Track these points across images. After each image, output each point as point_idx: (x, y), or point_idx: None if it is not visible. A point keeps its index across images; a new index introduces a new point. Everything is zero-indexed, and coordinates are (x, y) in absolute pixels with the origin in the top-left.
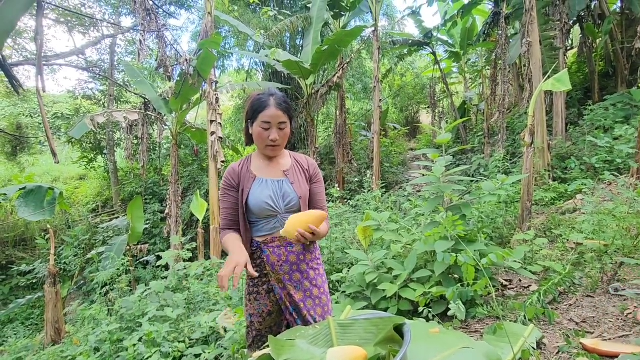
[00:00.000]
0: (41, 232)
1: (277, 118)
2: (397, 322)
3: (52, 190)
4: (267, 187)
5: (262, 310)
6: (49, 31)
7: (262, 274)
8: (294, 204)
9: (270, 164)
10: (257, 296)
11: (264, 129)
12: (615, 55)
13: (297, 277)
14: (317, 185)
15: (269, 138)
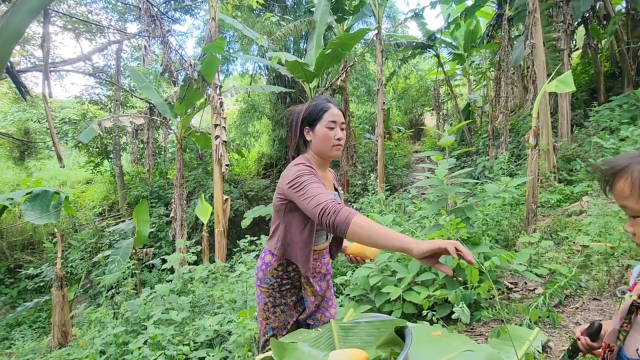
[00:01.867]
0: (48, 236)
1: (340, 118)
2: (398, 325)
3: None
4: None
5: (287, 321)
6: (56, 38)
7: (292, 285)
8: None
9: (324, 174)
10: (284, 308)
11: (329, 129)
12: (621, 56)
13: (324, 286)
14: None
15: (335, 137)
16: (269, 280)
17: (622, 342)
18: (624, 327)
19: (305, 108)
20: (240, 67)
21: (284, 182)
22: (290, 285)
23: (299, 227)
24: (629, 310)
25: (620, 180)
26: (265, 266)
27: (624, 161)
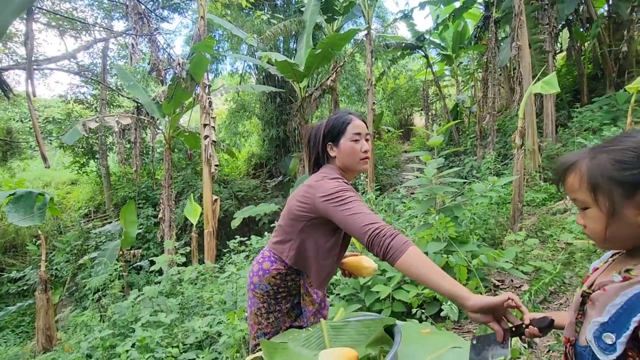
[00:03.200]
0: (32, 238)
1: (364, 129)
2: (387, 323)
3: (43, 196)
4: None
5: (280, 327)
6: (40, 35)
7: (289, 294)
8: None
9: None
10: (278, 314)
11: (355, 142)
12: (603, 58)
13: (320, 293)
14: None
15: (361, 150)
16: (265, 287)
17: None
18: (579, 319)
19: (326, 123)
20: (230, 66)
21: (316, 194)
22: (287, 293)
23: (320, 242)
24: (581, 301)
25: (570, 175)
26: (263, 272)
27: (574, 158)
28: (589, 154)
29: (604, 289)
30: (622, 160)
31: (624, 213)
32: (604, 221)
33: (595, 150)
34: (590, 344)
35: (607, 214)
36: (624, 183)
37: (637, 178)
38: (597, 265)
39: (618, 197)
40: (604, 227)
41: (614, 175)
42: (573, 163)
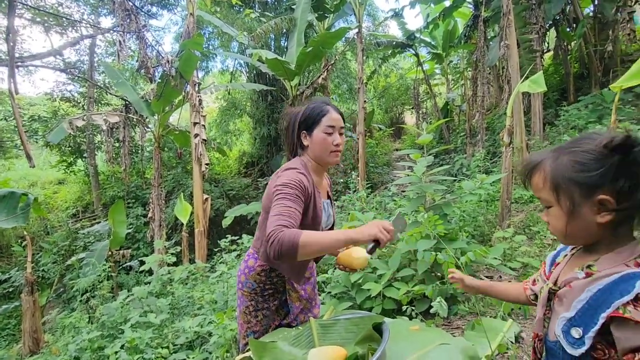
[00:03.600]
0: (17, 239)
1: (339, 122)
2: (376, 321)
3: (26, 196)
4: (324, 208)
5: (269, 325)
6: (24, 31)
7: (275, 291)
8: (330, 227)
9: (321, 180)
10: (266, 312)
11: (327, 134)
12: (588, 58)
13: (309, 289)
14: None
15: (333, 143)
16: (251, 285)
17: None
18: (547, 315)
19: (302, 111)
20: (220, 64)
21: (272, 185)
22: (274, 290)
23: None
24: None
25: (536, 174)
26: (248, 270)
27: (539, 157)
28: (553, 154)
29: (570, 285)
30: (582, 162)
31: (583, 212)
32: (564, 219)
33: (558, 151)
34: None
35: (568, 212)
36: (582, 184)
37: (594, 179)
38: (558, 260)
39: (577, 196)
40: (564, 224)
41: (573, 177)
42: (538, 163)
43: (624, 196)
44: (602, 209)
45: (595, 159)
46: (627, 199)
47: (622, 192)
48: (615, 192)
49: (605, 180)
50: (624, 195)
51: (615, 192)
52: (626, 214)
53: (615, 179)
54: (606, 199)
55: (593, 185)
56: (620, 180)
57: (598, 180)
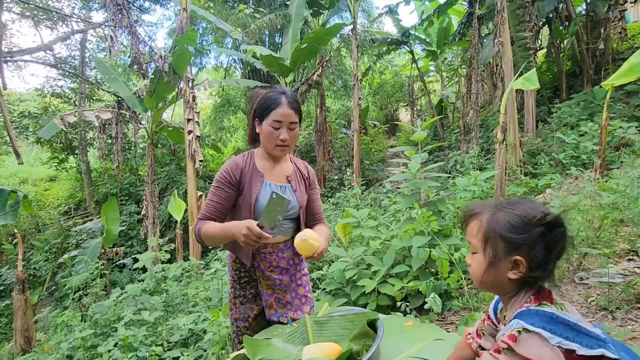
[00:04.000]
0: (8, 237)
1: (288, 117)
2: (370, 318)
3: (15, 193)
4: (270, 191)
5: (247, 314)
6: (13, 25)
7: (250, 279)
8: (294, 211)
9: (275, 166)
10: (243, 300)
11: (274, 128)
12: (581, 56)
13: (286, 280)
14: (314, 192)
15: (279, 138)
16: (231, 273)
17: None
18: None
19: (259, 98)
20: (214, 60)
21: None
22: (248, 278)
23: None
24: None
25: (473, 222)
26: (228, 259)
27: (479, 208)
28: (492, 209)
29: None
30: (512, 224)
31: (500, 265)
32: (484, 267)
33: (498, 207)
34: None
35: (489, 262)
36: (507, 242)
37: (517, 241)
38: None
39: (500, 251)
40: (483, 271)
41: (502, 234)
42: (478, 212)
43: (535, 263)
44: (515, 268)
45: (523, 225)
46: (537, 266)
47: (535, 259)
48: (530, 258)
49: (525, 245)
50: (536, 263)
51: (529, 257)
52: (532, 277)
53: (533, 247)
54: (520, 260)
55: (515, 245)
56: (536, 249)
57: (519, 243)
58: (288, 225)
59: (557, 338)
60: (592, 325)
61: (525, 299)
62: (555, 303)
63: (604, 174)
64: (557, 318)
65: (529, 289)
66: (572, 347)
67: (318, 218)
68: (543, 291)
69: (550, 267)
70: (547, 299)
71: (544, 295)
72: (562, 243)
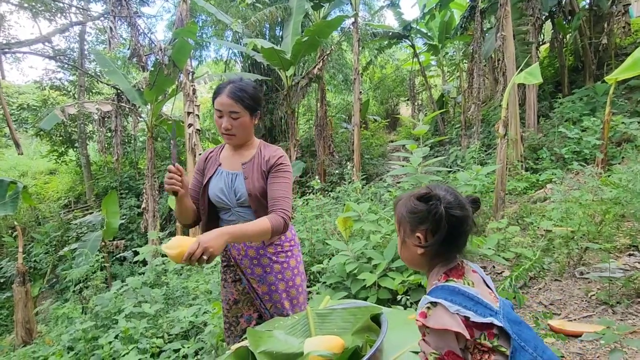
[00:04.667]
0: (8, 230)
1: (227, 107)
2: (374, 312)
3: (15, 184)
4: (221, 179)
5: (228, 297)
6: (11, 17)
7: (228, 264)
8: (244, 199)
9: (234, 154)
10: (225, 283)
11: (218, 117)
12: (583, 50)
13: (258, 271)
14: (274, 175)
15: (222, 126)
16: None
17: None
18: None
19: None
20: (214, 53)
21: None
22: (227, 263)
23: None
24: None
25: (395, 210)
26: None
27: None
28: (406, 198)
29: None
30: (411, 207)
31: (408, 243)
32: (400, 246)
33: (410, 195)
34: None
35: (401, 241)
36: (408, 222)
37: (414, 220)
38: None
39: (407, 231)
40: (400, 250)
41: (405, 216)
42: (398, 202)
43: (429, 235)
44: (418, 243)
45: (415, 205)
46: (431, 238)
47: (429, 232)
48: (426, 232)
49: (419, 222)
50: (430, 235)
51: (425, 231)
52: (434, 249)
53: (424, 222)
54: (419, 236)
55: (413, 224)
56: (425, 224)
57: (415, 221)
58: (244, 212)
59: (456, 306)
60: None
61: (437, 277)
62: (465, 279)
63: (606, 169)
64: (459, 291)
65: (442, 267)
66: (467, 314)
67: (273, 204)
68: (454, 269)
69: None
70: (455, 275)
71: (453, 273)
72: (438, 215)
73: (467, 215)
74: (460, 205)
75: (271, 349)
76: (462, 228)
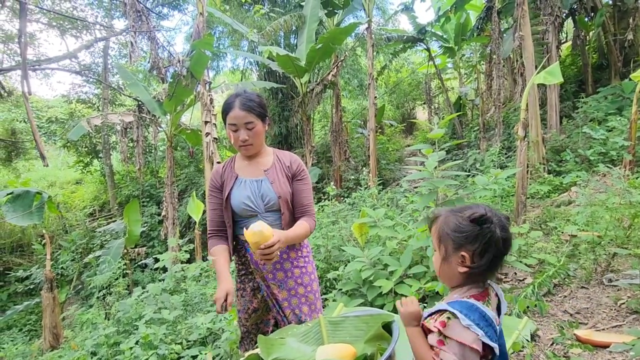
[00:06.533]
0: (37, 238)
1: (242, 119)
2: (386, 320)
3: (40, 195)
4: (245, 187)
5: (247, 307)
6: (41, 35)
7: (247, 272)
8: (273, 203)
9: (251, 163)
10: (243, 293)
11: (233, 131)
12: (608, 47)
13: (280, 275)
14: (300, 183)
15: (239, 139)
16: (235, 266)
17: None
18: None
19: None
20: (231, 63)
21: None
22: (245, 271)
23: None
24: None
25: (434, 225)
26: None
27: (439, 213)
28: (447, 214)
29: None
30: (457, 225)
31: (451, 261)
32: (440, 263)
33: (452, 212)
34: None
35: (442, 258)
36: (453, 241)
37: (460, 240)
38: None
39: (450, 249)
40: (439, 267)
41: (450, 234)
42: (437, 217)
43: (477, 257)
44: (462, 262)
45: (465, 225)
46: (479, 260)
47: (476, 254)
48: (472, 253)
49: (467, 242)
50: (477, 257)
51: (472, 252)
52: (478, 270)
53: (473, 243)
54: (465, 255)
55: (459, 243)
56: (474, 244)
57: (462, 241)
58: (271, 217)
59: (468, 321)
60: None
61: (462, 295)
62: (487, 302)
63: (635, 171)
64: (476, 308)
65: (472, 289)
66: (477, 332)
67: (303, 210)
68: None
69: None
70: (479, 297)
71: (477, 296)
72: (491, 237)
73: (510, 237)
74: (504, 227)
75: (283, 357)
76: (506, 250)
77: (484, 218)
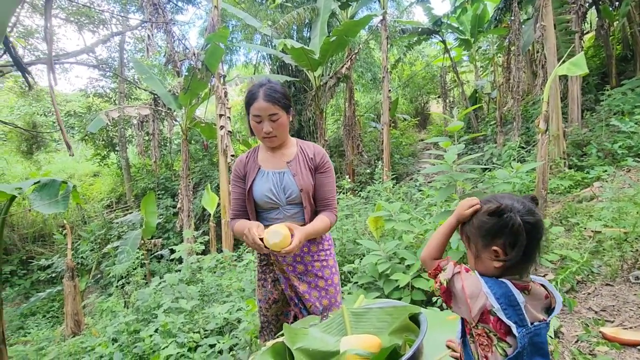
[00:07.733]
0: (58, 228)
1: (266, 110)
2: (412, 311)
3: (66, 184)
4: (267, 179)
5: (268, 297)
6: (59, 30)
7: (268, 262)
8: (294, 196)
9: (275, 154)
10: (264, 283)
11: (256, 122)
12: (633, 38)
13: (300, 268)
14: (323, 176)
15: (262, 131)
16: (257, 256)
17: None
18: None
19: (246, 93)
20: (244, 57)
21: None
22: (266, 262)
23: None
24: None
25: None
26: None
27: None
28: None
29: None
30: (482, 220)
31: (484, 257)
32: (473, 260)
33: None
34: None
35: (474, 256)
36: (481, 237)
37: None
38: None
39: (480, 246)
40: (473, 265)
41: (475, 232)
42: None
43: (509, 249)
44: (496, 257)
45: (485, 221)
46: (511, 251)
47: (507, 246)
48: (503, 246)
49: (493, 236)
50: (509, 248)
51: (502, 245)
52: (512, 261)
53: (500, 236)
54: (497, 250)
55: (486, 239)
56: (502, 237)
57: (488, 236)
58: (293, 210)
59: (487, 289)
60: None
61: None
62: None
63: None
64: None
65: (511, 278)
66: (494, 305)
67: (325, 204)
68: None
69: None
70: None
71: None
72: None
73: (539, 219)
74: (530, 211)
75: (308, 346)
76: (538, 235)
77: (500, 209)
